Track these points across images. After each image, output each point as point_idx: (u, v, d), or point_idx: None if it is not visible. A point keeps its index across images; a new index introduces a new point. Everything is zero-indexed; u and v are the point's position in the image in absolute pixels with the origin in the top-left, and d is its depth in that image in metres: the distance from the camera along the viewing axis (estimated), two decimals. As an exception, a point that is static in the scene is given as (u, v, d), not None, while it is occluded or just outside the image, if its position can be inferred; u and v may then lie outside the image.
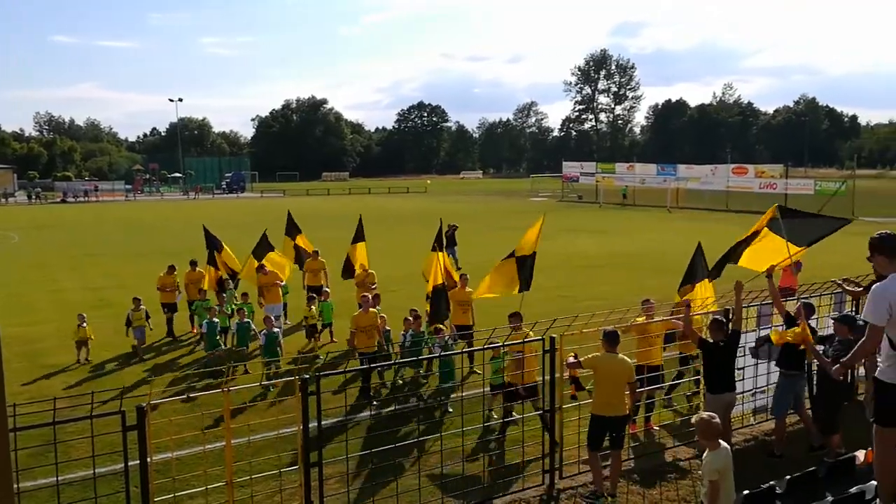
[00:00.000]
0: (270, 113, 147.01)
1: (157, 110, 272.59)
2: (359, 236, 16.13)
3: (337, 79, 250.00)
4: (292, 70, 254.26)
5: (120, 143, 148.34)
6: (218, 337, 13.47)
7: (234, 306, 14.46)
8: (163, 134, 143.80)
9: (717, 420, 5.65)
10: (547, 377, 8.28)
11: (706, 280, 10.71)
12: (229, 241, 16.65)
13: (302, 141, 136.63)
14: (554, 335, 8.19)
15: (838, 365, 6.79)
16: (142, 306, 14.34)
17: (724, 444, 5.83)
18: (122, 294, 20.69)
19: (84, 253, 30.75)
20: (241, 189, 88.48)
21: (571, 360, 7.87)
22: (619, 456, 7.91)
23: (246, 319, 13.32)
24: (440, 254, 12.46)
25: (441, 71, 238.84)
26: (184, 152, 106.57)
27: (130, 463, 6.17)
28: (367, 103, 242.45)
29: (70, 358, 13.73)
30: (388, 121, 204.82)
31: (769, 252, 9.51)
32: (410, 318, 11.93)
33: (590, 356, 7.85)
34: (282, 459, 7.94)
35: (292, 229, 17.16)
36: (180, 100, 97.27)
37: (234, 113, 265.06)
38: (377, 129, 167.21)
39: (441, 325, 11.57)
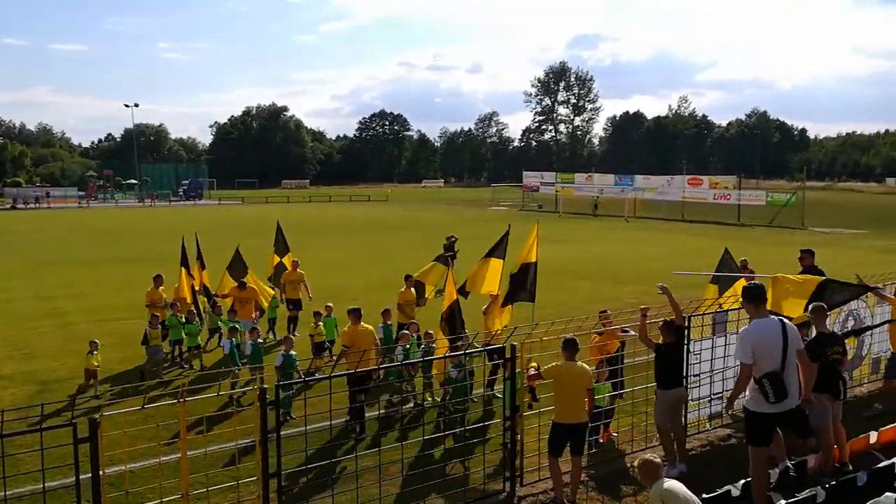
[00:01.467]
0: (229, 119, 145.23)
1: (111, 115, 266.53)
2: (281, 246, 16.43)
3: (296, 86, 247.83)
4: (250, 77, 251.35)
5: (73, 149, 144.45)
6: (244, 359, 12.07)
7: (225, 324, 13.69)
8: (118, 140, 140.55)
9: (658, 460, 5.75)
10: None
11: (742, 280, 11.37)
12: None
13: (262, 148, 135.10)
14: (514, 343, 8.25)
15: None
16: (159, 324, 13.37)
17: (665, 479, 5.78)
18: (75, 303, 20.21)
19: (36, 261, 29.86)
20: (198, 196, 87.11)
21: (532, 372, 8.04)
22: (579, 462, 8.00)
23: (260, 339, 12.30)
24: (450, 270, 12.21)
25: (401, 80, 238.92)
26: (140, 158, 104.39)
27: (82, 476, 6.00)
28: (328, 111, 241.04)
29: (17, 368, 13.30)
30: (349, 129, 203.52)
31: (789, 302, 9.16)
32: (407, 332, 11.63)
33: (550, 366, 7.96)
34: (240, 471, 7.81)
35: (281, 246, 16.73)
36: (136, 105, 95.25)
37: (192, 119, 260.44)
38: (338, 136, 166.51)
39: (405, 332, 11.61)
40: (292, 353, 10.97)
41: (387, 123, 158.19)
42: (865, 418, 10.28)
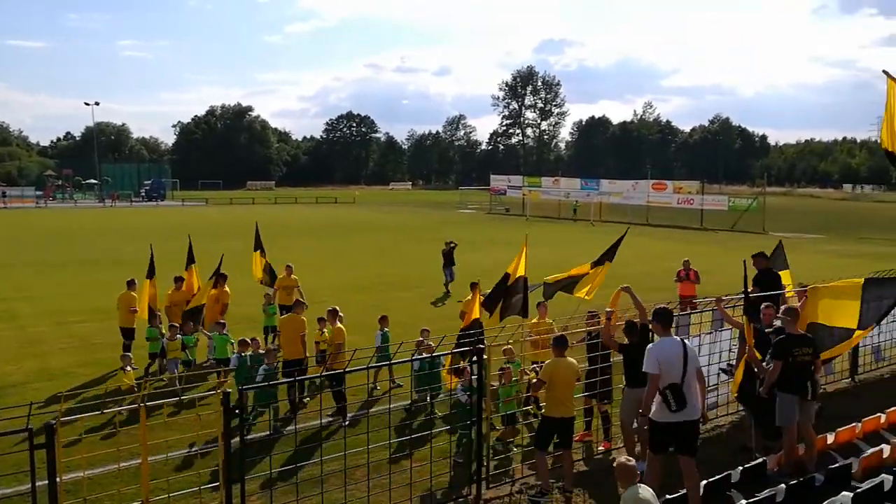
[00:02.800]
0: (193, 119, 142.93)
1: (71, 114, 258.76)
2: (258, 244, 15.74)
3: (262, 87, 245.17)
4: (214, 76, 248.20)
5: (30, 148, 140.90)
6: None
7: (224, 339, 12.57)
8: (77, 139, 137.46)
9: (633, 463, 5.88)
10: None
11: (786, 270, 12.72)
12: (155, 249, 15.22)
13: (226, 149, 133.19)
14: (482, 346, 8.27)
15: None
16: (178, 335, 12.52)
17: (641, 485, 5.81)
18: (31, 306, 19.70)
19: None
20: (161, 197, 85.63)
21: (535, 380, 8.25)
22: (569, 455, 8.31)
23: (261, 350, 11.35)
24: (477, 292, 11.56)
25: (368, 81, 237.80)
26: (100, 158, 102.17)
27: (38, 483, 5.84)
28: (294, 112, 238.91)
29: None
30: (315, 130, 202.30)
31: (842, 314, 9.53)
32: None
33: (544, 366, 8.17)
34: (202, 476, 7.68)
35: (259, 246, 15.98)
36: (97, 103, 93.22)
37: (155, 119, 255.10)
38: (305, 138, 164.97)
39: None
40: (249, 354, 10.83)
41: (354, 125, 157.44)
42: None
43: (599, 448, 9.64)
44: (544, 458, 8.11)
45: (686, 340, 7.72)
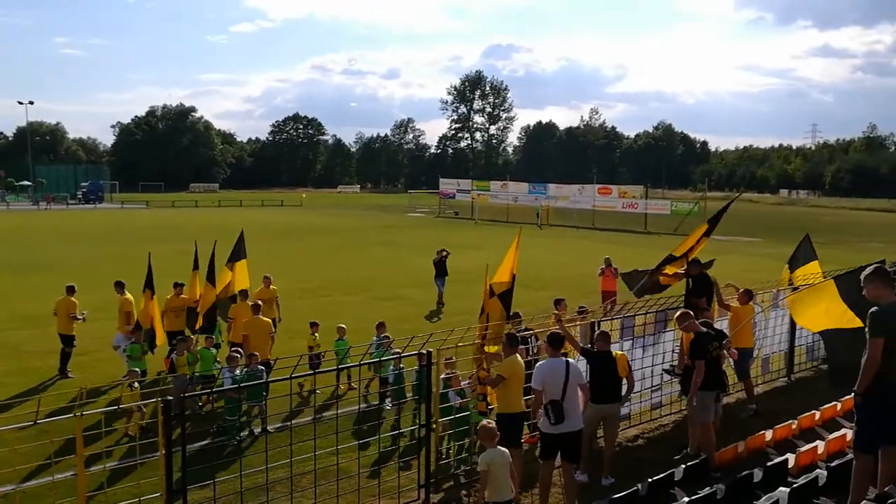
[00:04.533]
0: (133, 120, 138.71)
1: (5, 113, 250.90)
2: (238, 254, 13.80)
3: (205, 87, 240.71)
4: (156, 76, 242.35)
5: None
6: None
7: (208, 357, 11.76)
8: (10, 139, 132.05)
9: (493, 425, 7.01)
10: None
11: (815, 261, 12.67)
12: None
13: (168, 150, 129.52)
14: (430, 349, 8.24)
15: None
16: (187, 350, 11.58)
17: (499, 447, 6.89)
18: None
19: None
20: (98, 199, 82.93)
21: (496, 377, 8.21)
22: (519, 454, 8.25)
23: (260, 366, 10.58)
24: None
25: (316, 83, 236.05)
26: (34, 159, 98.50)
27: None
28: (239, 113, 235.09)
29: None
30: (261, 131, 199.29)
31: (830, 316, 9.03)
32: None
33: (501, 364, 8.22)
34: (142, 487, 7.43)
35: (238, 254, 13.83)
36: (31, 102, 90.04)
37: (92, 119, 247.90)
38: (250, 139, 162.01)
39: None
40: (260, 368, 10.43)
41: (301, 127, 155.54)
42: (742, 420, 10.83)
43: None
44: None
45: (570, 360, 8.06)
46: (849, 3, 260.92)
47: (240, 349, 11.16)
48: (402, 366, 9.64)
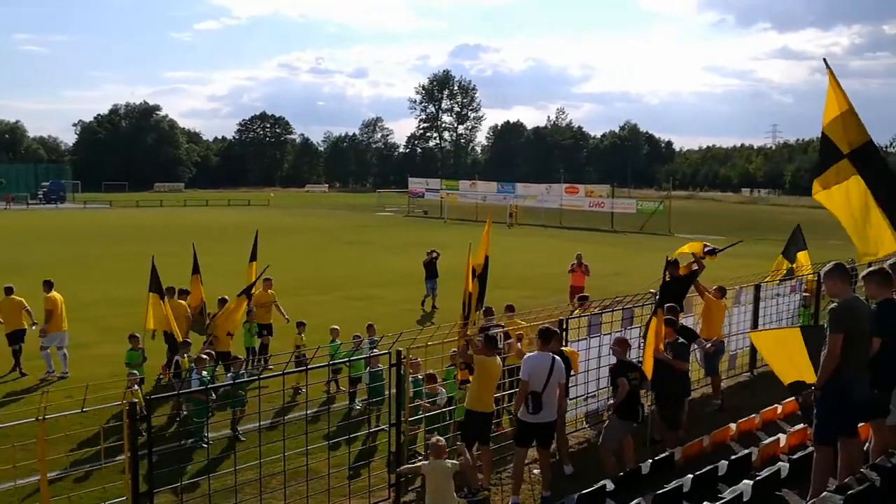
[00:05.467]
0: (96, 118, 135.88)
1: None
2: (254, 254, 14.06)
3: (169, 85, 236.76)
4: (119, 74, 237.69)
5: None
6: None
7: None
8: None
9: (444, 443, 7.31)
10: (394, 391, 8.31)
11: (805, 251, 14.82)
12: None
13: (132, 149, 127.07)
14: (400, 349, 8.25)
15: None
16: (187, 354, 11.15)
17: (447, 461, 7.14)
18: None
19: None
20: (60, 199, 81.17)
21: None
22: (488, 451, 8.53)
23: (242, 371, 10.38)
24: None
25: (283, 82, 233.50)
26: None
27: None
28: (205, 111, 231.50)
29: None
30: (227, 130, 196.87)
31: (794, 368, 7.83)
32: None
33: (477, 362, 8.36)
34: (107, 492, 7.32)
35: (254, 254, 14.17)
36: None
37: (53, 117, 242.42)
38: (216, 138, 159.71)
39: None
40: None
41: (268, 126, 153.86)
42: (707, 415, 11.05)
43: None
44: (468, 455, 7.99)
45: (556, 357, 8.31)
46: (805, 6, 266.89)
47: (211, 352, 11.10)
48: (379, 365, 9.64)
